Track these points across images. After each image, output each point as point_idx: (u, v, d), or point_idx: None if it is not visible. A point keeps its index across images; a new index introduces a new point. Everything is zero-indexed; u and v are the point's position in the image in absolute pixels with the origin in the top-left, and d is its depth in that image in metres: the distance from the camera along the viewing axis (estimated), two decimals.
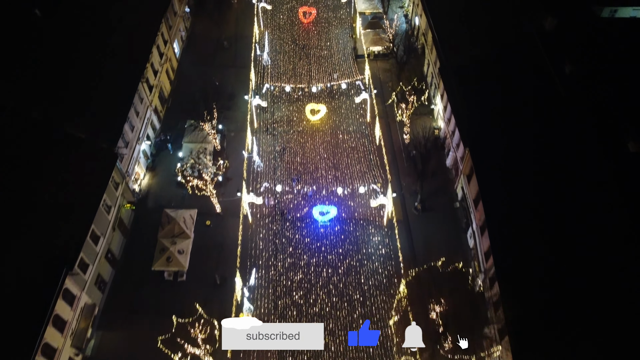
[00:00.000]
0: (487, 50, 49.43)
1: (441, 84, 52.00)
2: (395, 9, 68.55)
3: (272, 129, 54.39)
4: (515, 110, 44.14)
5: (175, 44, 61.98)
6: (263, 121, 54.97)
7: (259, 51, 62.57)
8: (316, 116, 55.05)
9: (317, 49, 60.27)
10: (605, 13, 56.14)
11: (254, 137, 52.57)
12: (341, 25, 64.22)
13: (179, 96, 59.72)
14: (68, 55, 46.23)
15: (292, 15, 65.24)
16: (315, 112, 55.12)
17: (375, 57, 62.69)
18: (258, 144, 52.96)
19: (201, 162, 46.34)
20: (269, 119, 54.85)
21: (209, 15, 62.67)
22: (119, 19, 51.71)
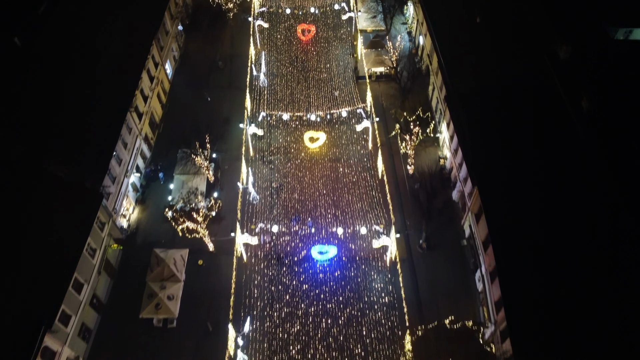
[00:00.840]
0: (496, 78, 46.75)
1: (447, 112, 49.40)
2: (398, 25, 65.76)
3: (268, 160, 51.77)
4: (528, 145, 41.53)
5: (167, 64, 59.31)
6: (259, 150, 52.32)
7: (255, 71, 59.90)
8: (315, 144, 52.46)
9: (316, 71, 57.49)
10: (619, 34, 53.38)
11: (250, 168, 50.00)
12: (341, 44, 61.46)
13: (171, 120, 57.20)
14: (49, 87, 43.75)
15: (290, 34, 62.45)
16: (314, 140, 52.52)
17: (378, 79, 60.01)
18: (254, 174, 50.41)
19: (192, 200, 43.86)
20: (265, 149, 52.12)
21: (202, 34, 59.92)
22: (105, 44, 49.12)
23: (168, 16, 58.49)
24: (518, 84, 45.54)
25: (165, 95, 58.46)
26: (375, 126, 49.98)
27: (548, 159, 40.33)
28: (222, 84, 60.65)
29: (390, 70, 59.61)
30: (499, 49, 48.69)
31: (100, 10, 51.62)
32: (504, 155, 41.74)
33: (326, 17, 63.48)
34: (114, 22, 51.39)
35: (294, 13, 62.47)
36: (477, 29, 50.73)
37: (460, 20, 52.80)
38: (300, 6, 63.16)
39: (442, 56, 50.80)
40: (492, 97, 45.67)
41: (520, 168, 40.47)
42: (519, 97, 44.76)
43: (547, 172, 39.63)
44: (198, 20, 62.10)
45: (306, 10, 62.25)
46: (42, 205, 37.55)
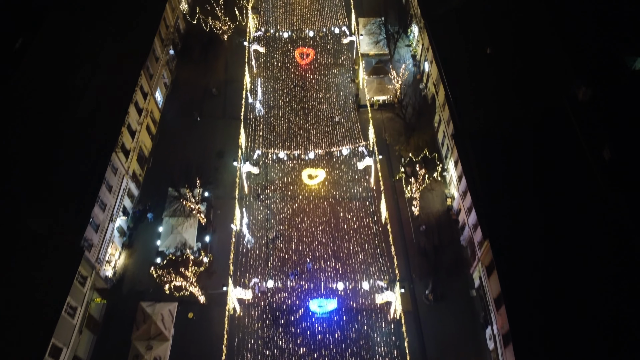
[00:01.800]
0: (508, 116, 43.76)
1: (455, 150, 46.45)
2: (401, 47, 62.58)
3: (264, 198, 48.85)
4: (544, 194, 38.58)
5: (157, 92, 56.27)
6: (254, 188, 49.35)
7: (251, 99, 56.88)
8: (314, 180, 49.52)
9: (315, 101, 54.37)
10: (638, 64, 50.38)
11: (244, 209, 47.09)
12: (342, 70, 58.22)
13: (161, 153, 54.25)
14: (26, 129, 40.89)
15: (287, 60, 59.00)
16: (313, 177, 49.57)
17: (380, 107, 57.00)
18: (248, 214, 47.49)
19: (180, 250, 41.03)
20: (260, 188, 49.07)
21: (195, 60, 56.83)
22: (89, 77, 46.18)
23: (158, 41, 55.46)
24: (532, 124, 42.56)
25: (155, 125, 55.46)
26: (379, 166, 46.92)
27: (566, 209, 37.41)
28: (216, 113, 57.62)
29: (394, 99, 56.62)
30: (511, 84, 45.66)
31: (83, 40, 48.65)
32: (517, 204, 38.86)
33: (326, 42, 60.26)
34: (99, 52, 48.39)
35: (292, 37, 59.33)
36: (488, 61, 47.63)
37: (469, 49, 49.76)
38: (299, 30, 59.95)
39: (450, 90, 47.83)
40: (504, 137, 42.74)
41: (535, 219, 37.62)
42: (534, 138, 41.79)
43: (564, 224, 36.76)
44: (190, 45, 58.97)
45: (304, 34, 59.08)
46: (16, 265, 34.70)
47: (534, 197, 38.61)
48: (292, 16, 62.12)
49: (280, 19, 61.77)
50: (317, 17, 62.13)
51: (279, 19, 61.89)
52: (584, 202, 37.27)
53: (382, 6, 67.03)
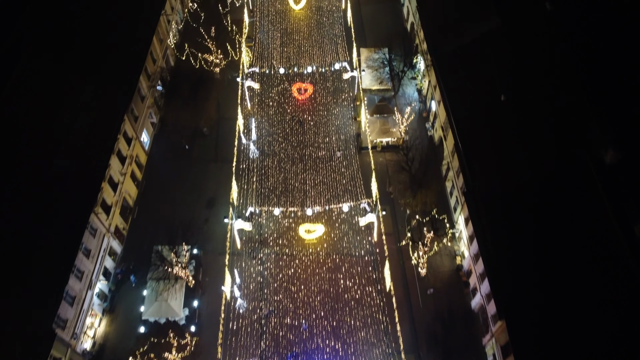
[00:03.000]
0: (526, 173, 40.10)
1: (465, 207, 42.83)
2: (407, 80, 58.64)
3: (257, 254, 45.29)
4: (567, 264, 35.02)
5: (143, 133, 52.53)
6: (247, 246, 45.68)
7: (245, 139, 53.16)
8: (312, 235, 45.92)
9: (313, 146, 50.54)
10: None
11: (236, 271, 43.54)
12: (342, 110, 54.22)
13: (147, 202, 50.62)
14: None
15: (283, 100, 55.03)
16: (311, 232, 45.97)
17: (384, 149, 53.31)
18: (241, 273, 43.96)
19: None
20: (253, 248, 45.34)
21: (184, 99, 53.03)
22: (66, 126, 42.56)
23: (144, 79, 51.68)
24: (552, 183, 38.93)
25: (141, 170, 51.77)
26: (382, 223, 43.25)
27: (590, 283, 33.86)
28: (207, 155, 53.91)
29: (398, 141, 52.94)
30: (528, 135, 41.98)
31: (61, 82, 44.93)
32: (537, 278, 35.30)
33: (325, 79, 56.23)
34: (78, 96, 44.70)
35: (289, 73, 55.50)
36: (502, 109, 43.88)
37: (481, 93, 46.02)
38: (296, 65, 56.08)
39: (460, 140, 44.07)
40: (521, 198, 39.13)
41: (558, 295, 34.10)
42: (554, 200, 38.17)
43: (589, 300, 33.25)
44: (179, 83, 55.17)
45: (302, 70, 55.27)
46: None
47: (556, 270, 35.06)
48: (289, 48, 58.23)
49: (276, 52, 57.81)
50: (316, 49, 58.24)
51: (275, 52, 57.93)
52: (611, 270, 33.81)
53: (386, 35, 63.80)
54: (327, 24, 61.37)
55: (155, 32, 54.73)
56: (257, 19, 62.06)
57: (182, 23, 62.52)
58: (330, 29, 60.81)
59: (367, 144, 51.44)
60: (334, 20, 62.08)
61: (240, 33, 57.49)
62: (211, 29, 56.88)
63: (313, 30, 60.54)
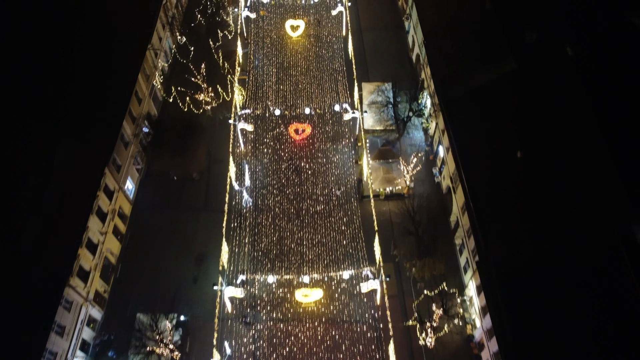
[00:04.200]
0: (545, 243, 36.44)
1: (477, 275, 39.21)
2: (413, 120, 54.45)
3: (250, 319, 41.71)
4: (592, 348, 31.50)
5: (128, 180, 48.73)
6: (238, 312, 42.04)
7: (238, 186, 49.41)
8: (309, 298, 42.29)
9: (311, 199, 46.67)
10: None
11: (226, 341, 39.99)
12: (342, 156, 50.42)
13: (132, 257, 46.95)
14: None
15: (279, 145, 51.14)
16: (308, 296, 42.33)
17: (387, 198, 49.60)
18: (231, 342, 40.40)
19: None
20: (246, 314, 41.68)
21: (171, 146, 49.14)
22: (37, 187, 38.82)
23: (128, 124, 47.81)
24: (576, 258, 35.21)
25: (124, 222, 48.05)
26: (385, 292, 39.52)
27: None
28: (197, 203, 50.23)
29: (403, 190, 49.23)
30: (548, 198, 38.23)
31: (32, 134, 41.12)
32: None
33: (324, 122, 52.25)
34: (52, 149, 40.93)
35: (285, 115, 51.56)
36: (519, 167, 40.08)
37: (496, 147, 42.22)
38: (293, 106, 52.09)
39: (472, 199, 40.35)
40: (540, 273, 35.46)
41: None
42: (579, 277, 34.51)
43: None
44: (166, 127, 51.29)
45: (300, 111, 51.34)
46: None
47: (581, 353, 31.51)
48: (285, 86, 54.22)
49: (271, 91, 53.71)
50: (315, 87, 54.22)
51: (270, 90, 53.81)
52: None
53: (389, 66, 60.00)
54: (327, 57, 57.42)
55: (141, 68, 50.96)
56: (251, 51, 58.03)
57: (171, 58, 58.31)
58: (329, 62, 56.87)
59: (369, 192, 47.65)
60: (333, 52, 58.11)
61: (233, 70, 53.41)
62: (201, 66, 52.89)
63: (311, 63, 56.60)
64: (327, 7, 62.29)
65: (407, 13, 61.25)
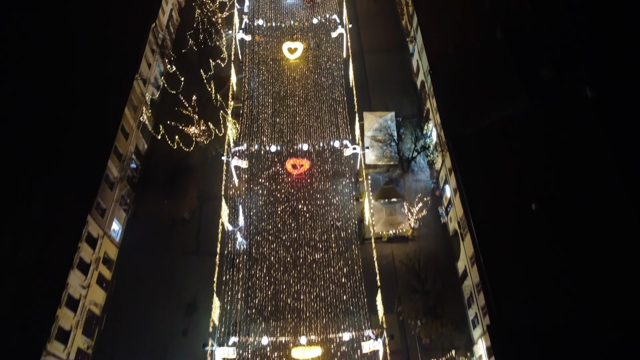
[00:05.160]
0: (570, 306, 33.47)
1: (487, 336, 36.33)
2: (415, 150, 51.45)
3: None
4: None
5: (114, 222, 45.79)
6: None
7: (231, 227, 46.47)
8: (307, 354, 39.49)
9: (309, 246, 43.63)
10: None
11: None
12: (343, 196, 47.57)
13: (118, 307, 44.10)
14: None
15: (274, 185, 48.11)
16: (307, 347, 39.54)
17: (390, 240, 46.66)
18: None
19: None
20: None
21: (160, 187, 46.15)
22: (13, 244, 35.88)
23: (114, 163, 44.80)
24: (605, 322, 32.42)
25: (110, 268, 45.20)
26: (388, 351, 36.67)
27: None
28: (188, 246, 47.28)
29: (407, 232, 46.27)
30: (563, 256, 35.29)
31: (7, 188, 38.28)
32: None
33: (323, 160, 49.23)
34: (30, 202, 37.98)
35: (281, 151, 48.41)
36: (533, 220, 37.06)
37: (507, 194, 39.21)
38: (290, 142, 48.94)
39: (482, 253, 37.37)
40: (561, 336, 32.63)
41: None
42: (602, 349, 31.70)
43: None
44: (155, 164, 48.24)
45: (297, 148, 48.19)
46: None
47: None
48: (282, 118, 51.03)
49: (266, 124, 50.50)
50: (313, 119, 51.03)
51: (265, 124, 50.59)
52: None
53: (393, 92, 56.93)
54: (326, 85, 54.19)
55: (128, 99, 47.82)
56: (245, 78, 54.73)
57: (161, 87, 55.05)
58: (329, 91, 53.62)
59: (370, 235, 44.67)
60: (333, 79, 54.84)
61: (226, 103, 50.11)
62: (192, 97, 49.67)
63: (310, 92, 53.42)
64: (326, 29, 59.00)
65: (412, 36, 57.92)
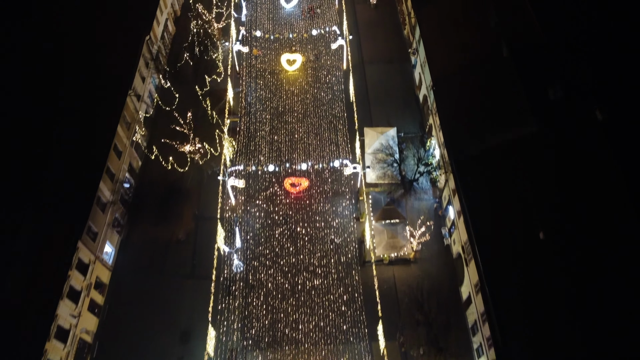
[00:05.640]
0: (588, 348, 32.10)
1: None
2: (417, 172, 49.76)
3: None
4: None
5: (107, 245, 44.31)
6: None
7: (228, 248, 45.01)
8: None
9: (308, 271, 42.14)
10: None
11: None
12: (344, 219, 46.07)
13: (110, 332, 42.61)
14: None
15: (272, 205, 46.59)
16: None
17: (392, 262, 45.22)
18: None
19: None
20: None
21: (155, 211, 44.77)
22: None
23: (106, 184, 43.29)
24: None
25: (102, 292, 43.77)
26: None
27: None
28: (183, 269, 45.83)
29: (409, 254, 44.84)
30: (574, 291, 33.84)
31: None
32: None
33: (322, 181, 47.72)
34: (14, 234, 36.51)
35: (279, 171, 46.82)
36: (541, 248, 35.60)
37: (516, 221, 37.61)
38: (288, 161, 47.33)
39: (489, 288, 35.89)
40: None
41: None
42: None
43: None
44: (150, 183, 46.71)
45: (295, 167, 46.61)
46: None
47: None
48: (279, 136, 49.43)
49: (264, 142, 48.92)
50: (312, 137, 49.47)
51: (262, 141, 49.03)
52: None
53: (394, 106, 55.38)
54: (326, 101, 52.55)
55: (121, 117, 46.22)
56: (242, 94, 53.06)
57: (154, 103, 53.50)
58: (329, 107, 51.99)
59: (371, 258, 43.23)
60: (333, 94, 53.20)
61: (222, 120, 48.42)
62: (188, 114, 48.09)
63: (309, 107, 51.84)
64: (326, 41, 57.31)
65: (414, 48, 56.25)
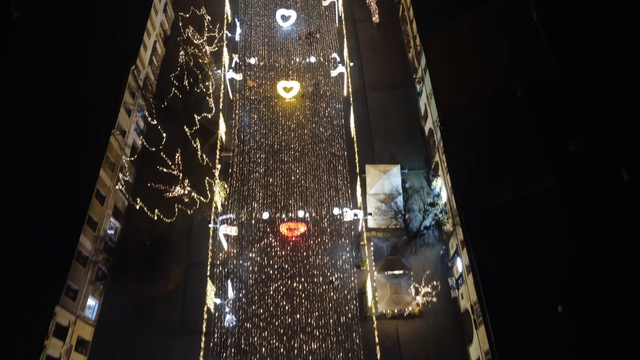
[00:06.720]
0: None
1: None
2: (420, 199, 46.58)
3: None
4: None
5: (89, 299, 41.28)
6: None
7: (219, 300, 42.04)
8: None
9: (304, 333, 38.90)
10: None
11: None
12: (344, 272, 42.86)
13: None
14: None
15: (266, 260, 43.32)
16: None
17: (394, 317, 42.32)
18: None
19: None
20: None
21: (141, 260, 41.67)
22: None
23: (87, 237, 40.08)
24: None
25: (84, 352, 40.82)
26: None
27: None
28: (172, 323, 42.82)
29: (414, 310, 41.90)
30: None
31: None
32: None
33: (321, 231, 44.56)
34: None
35: (274, 219, 43.55)
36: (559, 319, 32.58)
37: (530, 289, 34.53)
38: (284, 208, 44.04)
39: None
40: None
41: None
42: None
43: None
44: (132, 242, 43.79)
45: (292, 215, 43.36)
46: None
47: None
48: (274, 179, 45.99)
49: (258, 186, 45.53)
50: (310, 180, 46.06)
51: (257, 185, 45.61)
52: None
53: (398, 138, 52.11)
54: (324, 138, 49.04)
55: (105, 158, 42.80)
56: (236, 128, 49.47)
57: (141, 144, 50.15)
58: (327, 144, 48.50)
59: (372, 313, 40.24)
60: (332, 128, 49.64)
61: (213, 162, 44.88)
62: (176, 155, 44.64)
63: (306, 145, 48.36)
64: (325, 69, 53.61)
65: (420, 76, 52.56)
